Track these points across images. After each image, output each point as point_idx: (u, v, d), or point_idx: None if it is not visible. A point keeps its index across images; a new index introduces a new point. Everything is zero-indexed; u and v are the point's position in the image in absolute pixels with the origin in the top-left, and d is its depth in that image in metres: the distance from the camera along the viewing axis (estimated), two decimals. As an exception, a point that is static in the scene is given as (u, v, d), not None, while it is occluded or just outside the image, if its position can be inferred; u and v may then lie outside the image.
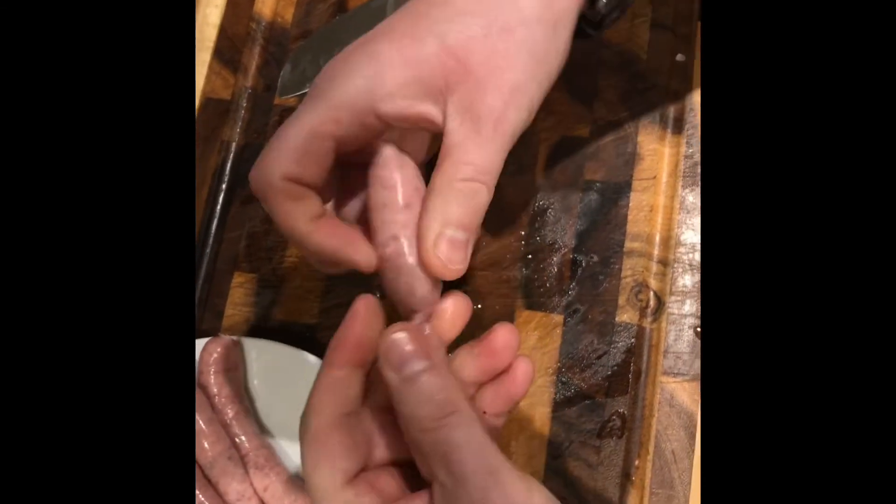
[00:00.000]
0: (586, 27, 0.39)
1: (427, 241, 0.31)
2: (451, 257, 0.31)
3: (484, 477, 0.26)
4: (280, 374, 0.53)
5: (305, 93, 0.36)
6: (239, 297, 0.57)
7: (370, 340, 0.32)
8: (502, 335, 0.33)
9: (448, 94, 0.32)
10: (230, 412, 0.51)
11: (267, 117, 0.61)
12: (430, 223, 0.31)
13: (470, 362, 0.34)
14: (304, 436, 0.31)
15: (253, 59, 0.62)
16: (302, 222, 0.31)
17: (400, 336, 0.29)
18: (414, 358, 0.28)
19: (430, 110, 0.32)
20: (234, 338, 0.53)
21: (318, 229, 0.31)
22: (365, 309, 0.32)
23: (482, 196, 0.32)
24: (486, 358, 0.33)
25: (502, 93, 0.32)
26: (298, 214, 0.31)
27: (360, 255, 0.31)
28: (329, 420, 0.30)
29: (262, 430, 0.53)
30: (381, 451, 0.32)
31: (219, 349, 0.52)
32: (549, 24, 0.34)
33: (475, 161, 0.32)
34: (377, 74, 0.31)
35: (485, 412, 0.33)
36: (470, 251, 0.32)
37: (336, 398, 0.31)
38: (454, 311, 0.33)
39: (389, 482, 0.31)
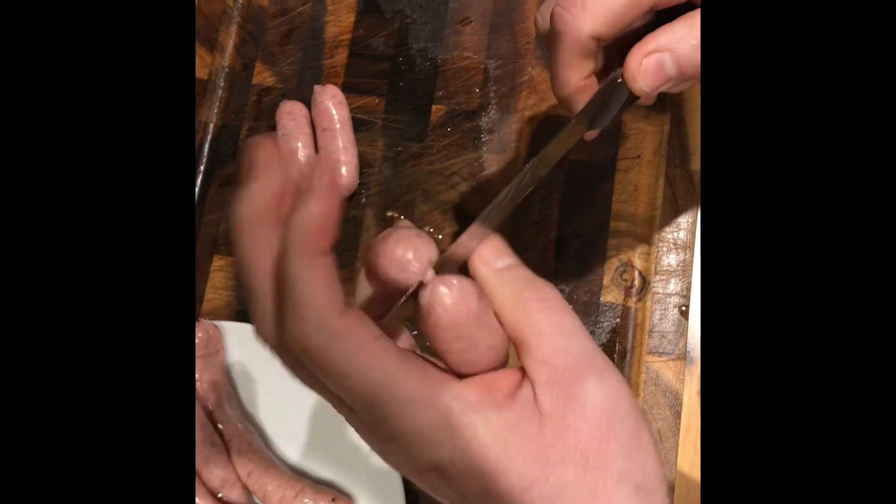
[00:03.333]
0: None
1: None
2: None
3: (584, 353, 0.28)
4: (262, 358, 0.52)
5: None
6: (219, 280, 0.56)
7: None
8: None
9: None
10: (212, 398, 0.50)
11: (245, 97, 0.59)
12: None
13: None
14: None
15: (230, 38, 0.61)
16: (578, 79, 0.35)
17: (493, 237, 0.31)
18: (507, 253, 0.30)
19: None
20: (215, 322, 0.52)
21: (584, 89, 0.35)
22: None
23: None
24: None
25: None
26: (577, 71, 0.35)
27: None
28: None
29: (244, 415, 0.52)
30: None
31: (199, 334, 0.51)
32: None
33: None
34: None
35: None
36: None
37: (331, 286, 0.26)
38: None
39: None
